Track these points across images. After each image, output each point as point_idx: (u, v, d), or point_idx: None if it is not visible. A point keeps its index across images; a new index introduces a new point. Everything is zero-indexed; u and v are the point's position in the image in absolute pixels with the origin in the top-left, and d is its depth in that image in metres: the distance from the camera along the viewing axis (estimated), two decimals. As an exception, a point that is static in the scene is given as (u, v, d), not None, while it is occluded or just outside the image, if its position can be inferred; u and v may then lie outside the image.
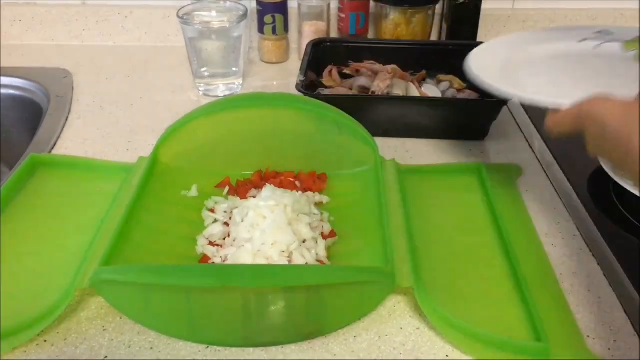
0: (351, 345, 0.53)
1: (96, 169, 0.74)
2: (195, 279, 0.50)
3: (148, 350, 0.53)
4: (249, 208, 0.63)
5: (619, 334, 0.54)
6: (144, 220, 0.62)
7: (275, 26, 1.04)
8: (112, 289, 0.53)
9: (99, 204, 0.67)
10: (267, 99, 0.73)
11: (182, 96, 0.97)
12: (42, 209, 0.67)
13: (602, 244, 0.64)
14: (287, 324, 0.54)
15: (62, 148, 0.82)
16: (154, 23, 1.13)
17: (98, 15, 1.12)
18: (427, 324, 0.55)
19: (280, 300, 0.52)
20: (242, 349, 0.53)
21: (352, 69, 0.95)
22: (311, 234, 0.62)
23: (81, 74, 1.03)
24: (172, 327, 0.54)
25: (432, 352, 0.53)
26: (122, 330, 0.54)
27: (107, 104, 0.94)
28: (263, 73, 1.06)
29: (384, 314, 0.56)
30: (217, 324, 0.54)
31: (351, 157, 0.72)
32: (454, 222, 0.67)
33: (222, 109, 0.72)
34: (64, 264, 0.59)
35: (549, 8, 1.12)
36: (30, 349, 0.53)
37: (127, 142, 0.83)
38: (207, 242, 0.63)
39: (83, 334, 0.54)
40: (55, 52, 1.12)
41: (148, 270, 0.52)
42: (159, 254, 0.61)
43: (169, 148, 0.71)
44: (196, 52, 0.93)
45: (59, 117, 0.89)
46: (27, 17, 1.12)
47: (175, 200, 0.69)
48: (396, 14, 1.03)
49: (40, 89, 0.98)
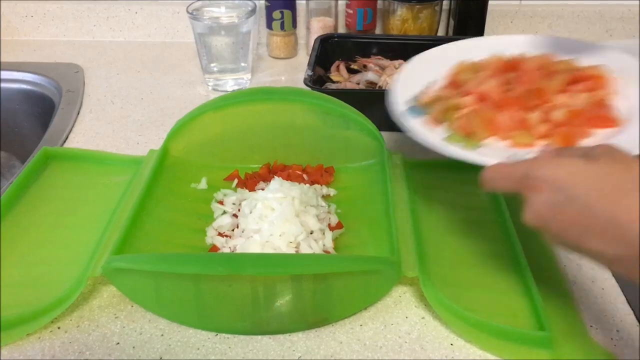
0: (357, 333, 0.54)
1: (107, 162, 0.75)
2: (205, 267, 0.51)
3: (159, 337, 0.54)
4: (257, 200, 0.64)
5: (622, 324, 0.55)
6: (155, 212, 0.63)
7: (283, 22, 1.05)
8: (123, 277, 0.54)
9: (110, 195, 0.68)
10: (276, 93, 0.74)
11: (191, 91, 0.98)
12: (55, 201, 0.69)
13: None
14: (294, 312, 0.55)
15: (74, 142, 0.84)
16: (163, 19, 1.14)
17: (108, 12, 1.14)
18: (432, 314, 0.56)
19: (288, 288, 0.53)
20: (251, 336, 0.54)
21: (360, 64, 0.95)
22: (318, 225, 0.63)
23: (92, 69, 1.04)
24: (182, 315, 0.55)
25: (437, 340, 0.54)
26: (133, 318, 0.56)
27: (117, 98, 0.95)
28: (271, 68, 1.07)
29: (389, 304, 0.57)
30: (226, 311, 0.55)
31: (358, 150, 0.73)
32: (461, 215, 0.68)
33: (230, 104, 0.73)
34: (76, 253, 0.60)
35: (556, 3, 1.12)
36: (44, 335, 0.54)
37: (138, 136, 0.85)
38: (216, 233, 0.65)
39: (95, 321, 0.55)
40: (66, 47, 1.13)
41: (159, 259, 0.53)
42: (169, 244, 0.62)
43: (179, 141, 0.72)
44: (205, 47, 0.94)
45: (70, 111, 0.91)
46: (39, 14, 1.14)
47: (185, 192, 0.70)
48: (403, 10, 1.04)
49: (52, 84, 1.00)
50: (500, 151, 0.55)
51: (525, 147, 0.55)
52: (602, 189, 0.40)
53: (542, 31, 1.14)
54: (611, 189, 0.40)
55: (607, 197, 0.40)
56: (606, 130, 0.56)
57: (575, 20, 1.12)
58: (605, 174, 0.41)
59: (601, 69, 0.62)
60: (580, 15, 1.11)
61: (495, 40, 0.72)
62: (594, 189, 0.40)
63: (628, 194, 0.39)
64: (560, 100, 0.59)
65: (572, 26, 1.12)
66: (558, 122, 0.56)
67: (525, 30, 1.14)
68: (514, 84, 0.61)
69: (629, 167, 0.41)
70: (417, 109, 0.60)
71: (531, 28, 1.14)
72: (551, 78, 0.60)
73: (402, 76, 0.67)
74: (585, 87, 0.60)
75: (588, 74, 0.61)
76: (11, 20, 1.14)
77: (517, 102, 0.59)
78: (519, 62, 0.64)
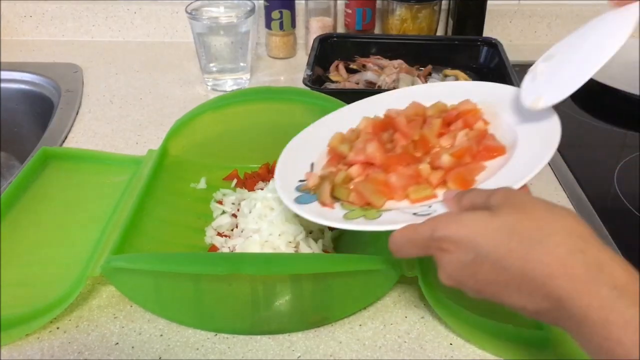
0: (357, 333, 0.54)
1: (107, 162, 0.75)
2: (205, 267, 0.51)
3: (158, 337, 0.54)
4: (256, 200, 0.64)
5: (621, 323, 0.55)
6: (154, 212, 0.63)
7: (282, 22, 1.05)
8: (122, 277, 0.54)
9: (109, 195, 0.68)
10: (274, 93, 0.74)
11: (190, 91, 0.98)
12: (54, 201, 0.69)
13: (607, 236, 0.65)
14: (293, 312, 0.55)
15: (73, 142, 0.84)
16: (162, 19, 1.14)
17: (107, 11, 1.14)
18: (432, 313, 0.56)
19: (287, 288, 0.53)
20: (250, 336, 0.54)
21: (359, 64, 0.95)
22: (318, 225, 0.63)
23: (91, 69, 1.04)
24: (181, 315, 0.55)
25: (437, 340, 0.54)
26: (132, 318, 0.56)
27: (116, 98, 0.95)
28: (270, 68, 1.07)
29: (389, 303, 0.57)
30: (225, 311, 0.55)
31: (357, 150, 0.73)
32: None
33: (229, 103, 0.73)
34: (75, 253, 0.60)
35: (555, 3, 1.12)
36: (43, 335, 0.54)
37: (137, 136, 0.85)
38: (216, 233, 0.65)
39: (94, 321, 0.55)
40: (65, 47, 1.13)
41: (158, 258, 0.53)
42: (169, 244, 0.62)
43: (178, 141, 0.72)
44: (204, 47, 0.94)
45: (69, 111, 0.91)
46: (38, 14, 1.14)
47: (184, 192, 0.70)
48: (402, 10, 1.04)
49: (51, 84, 1.00)
50: (404, 212, 0.52)
51: (426, 199, 0.52)
52: (508, 244, 0.39)
53: (541, 31, 1.14)
54: (517, 243, 0.38)
55: (515, 253, 0.38)
56: (497, 159, 0.54)
57: (574, 20, 1.12)
58: (509, 229, 0.39)
59: (469, 103, 0.60)
60: (579, 15, 1.12)
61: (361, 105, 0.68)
62: (501, 245, 0.39)
63: (535, 247, 0.38)
64: (445, 143, 0.57)
65: (570, 26, 1.11)
66: (448, 166, 0.54)
67: (524, 29, 1.15)
68: (395, 141, 0.58)
69: (530, 215, 0.40)
70: (307, 195, 0.57)
71: (530, 28, 1.15)
72: (428, 125, 0.58)
73: (283, 162, 0.62)
74: (464, 122, 0.58)
75: (460, 110, 0.59)
76: (10, 20, 1.14)
77: (403, 158, 0.56)
78: (392, 118, 0.60)
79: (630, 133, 0.89)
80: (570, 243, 0.38)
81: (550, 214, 0.39)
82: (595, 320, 0.35)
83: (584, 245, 0.37)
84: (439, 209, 0.49)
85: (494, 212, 0.41)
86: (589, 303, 0.35)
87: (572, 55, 0.55)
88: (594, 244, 0.38)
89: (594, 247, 0.37)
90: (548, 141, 0.52)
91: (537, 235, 0.38)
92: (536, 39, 1.16)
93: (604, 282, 0.36)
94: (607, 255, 0.37)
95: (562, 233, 0.38)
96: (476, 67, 0.95)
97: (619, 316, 0.34)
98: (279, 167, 0.61)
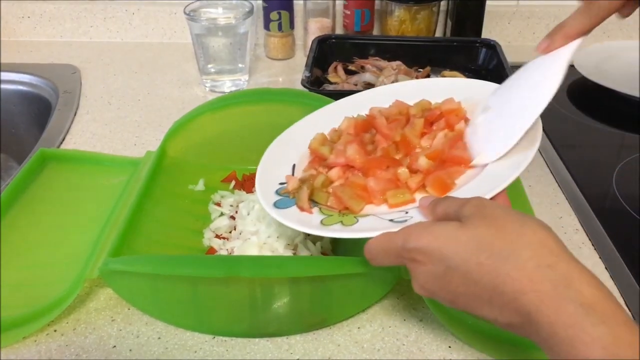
0: (355, 336, 0.54)
1: (104, 163, 0.75)
2: (203, 269, 0.51)
3: (156, 340, 0.54)
4: (255, 202, 0.64)
5: (620, 326, 0.55)
6: (152, 213, 0.63)
7: (281, 23, 1.05)
8: (120, 279, 0.54)
9: (107, 197, 0.68)
10: (273, 94, 0.74)
11: (188, 92, 0.98)
12: (51, 202, 0.68)
13: (605, 237, 0.65)
14: (292, 314, 0.55)
15: (71, 143, 0.83)
16: (161, 20, 1.14)
17: (106, 12, 1.14)
18: (430, 316, 0.56)
19: (285, 291, 0.53)
20: (248, 339, 0.54)
21: (357, 65, 0.95)
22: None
23: (89, 70, 1.04)
24: (179, 318, 0.55)
25: (435, 343, 0.54)
26: (130, 321, 0.55)
27: (114, 99, 0.95)
28: (269, 69, 1.06)
29: (387, 306, 0.57)
30: (223, 314, 0.55)
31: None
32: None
33: (228, 105, 0.73)
34: (73, 255, 0.60)
35: (553, 4, 1.12)
36: (41, 338, 0.54)
37: (135, 137, 0.84)
38: (214, 235, 0.64)
39: (92, 324, 0.55)
40: (63, 48, 1.13)
41: (156, 261, 0.53)
42: (167, 246, 0.62)
43: (176, 143, 0.72)
44: (203, 48, 0.94)
45: (67, 112, 0.90)
46: (36, 14, 1.14)
47: (182, 193, 0.70)
48: (401, 11, 1.04)
49: (48, 85, 0.99)
50: (381, 218, 0.51)
51: (404, 204, 0.52)
52: (478, 257, 0.38)
53: (539, 32, 1.14)
54: (486, 257, 0.38)
55: (485, 267, 0.38)
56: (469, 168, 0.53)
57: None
58: (478, 242, 0.39)
59: (453, 102, 0.59)
60: (577, 16, 1.11)
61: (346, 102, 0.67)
62: (470, 258, 0.39)
63: (504, 262, 0.37)
64: (425, 144, 0.56)
65: (569, 27, 1.12)
66: (425, 169, 0.53)
67: (522, 31, 1.14)
68: (376, 142, 0.57)
69: (500, 228, 0.39)
70: (286, 199, 0.56)
71: (528, 29, 1.14)
72: (411, 124, 0.57)
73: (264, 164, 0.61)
74: (446, 122, 0.57)
75: (443, 109, 0.58)
76: (8, 20, 1.14)
77: (383, 161, 0.55)
78: (373, 118, 0.59)
79: (629, 135, 0.89)
80: (540, 257, 0.37)
81: (521, 227, 0.39)
82: (563, 337, 0.35)
83: (554, 259, 0.37)
84: (415, 216, 0.49)
85: (464, 224, 0.40)
86: (556, 320, 0.35)
87: (506, 108, 0.55)
88: (564, 258, 0.37)
89: (563, 261, 0.37)
90: (529, 142, 0.51)
91: (507, 249, 0.38)
92: (535, 40, 1.14)
93: (572, 298, 0.35)
94: (576, 270, 0.37)
95: (532, 247, 0.38)
96: (475, 69, 0.95)
97: (586, 334, 0.34)
98: (260, 169, 0.60)
